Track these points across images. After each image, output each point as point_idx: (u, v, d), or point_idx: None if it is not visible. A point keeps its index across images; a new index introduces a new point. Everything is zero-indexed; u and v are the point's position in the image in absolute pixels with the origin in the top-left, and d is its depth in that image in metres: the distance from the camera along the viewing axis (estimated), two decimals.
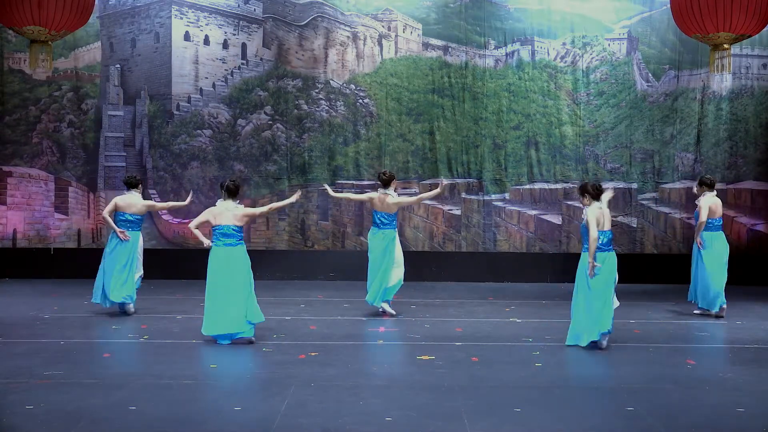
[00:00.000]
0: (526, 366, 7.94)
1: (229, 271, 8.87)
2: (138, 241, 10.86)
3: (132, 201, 10.76)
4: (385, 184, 10.80)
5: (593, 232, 8.58)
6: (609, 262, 8.73)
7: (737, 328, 10.28)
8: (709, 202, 10.85)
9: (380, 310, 10.82)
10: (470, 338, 9.27)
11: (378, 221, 10.83)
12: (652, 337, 9.45)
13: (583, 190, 8.80)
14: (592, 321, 8.69)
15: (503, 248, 14.58)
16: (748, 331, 10.10)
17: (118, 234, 10.59)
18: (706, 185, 10.96)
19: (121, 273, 10.58)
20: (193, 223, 9.11)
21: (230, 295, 8.82)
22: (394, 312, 10.77)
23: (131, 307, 10.70)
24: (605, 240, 8.71)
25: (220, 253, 8.91)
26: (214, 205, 9.18)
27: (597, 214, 8.66)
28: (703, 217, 10.76)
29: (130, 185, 10.85)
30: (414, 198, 11.96)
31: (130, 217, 10.71)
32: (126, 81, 14.63)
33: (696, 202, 11.08)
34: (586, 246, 8.72)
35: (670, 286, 13.36)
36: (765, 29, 11.67)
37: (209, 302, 8.90)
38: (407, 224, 14.51)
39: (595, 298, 8.67)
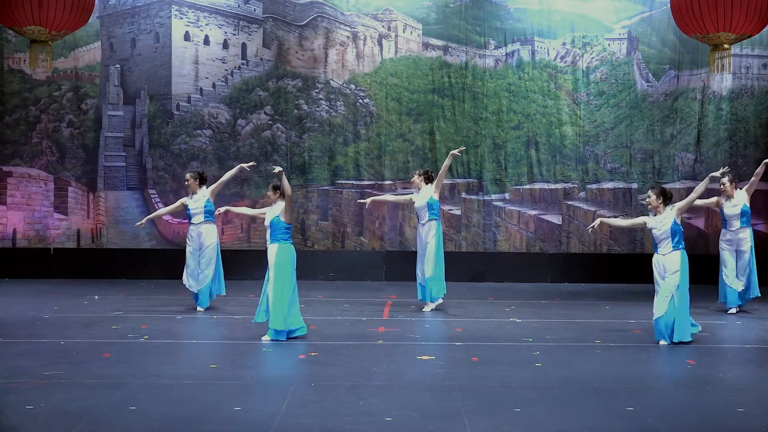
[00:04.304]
0: (526, 366, 7.94)
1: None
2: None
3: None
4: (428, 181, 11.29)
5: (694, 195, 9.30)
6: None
7: (737, 328, 10.28)
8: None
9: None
10: (470, 338, 9.26)
11: None
12: (652, 337, 9.43)
13: (664, 195, 8.98)
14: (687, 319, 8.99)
15: (503, 248, 14.58)
16: (748, 331, 10.10)
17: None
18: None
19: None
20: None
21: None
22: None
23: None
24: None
25: None
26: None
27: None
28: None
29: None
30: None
31: None
32: (126, 81, 14.63)
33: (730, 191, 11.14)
34: (683, 243, 8.91)
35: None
36: (765, 29, 11.67)
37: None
38: (407, 224, 14.51)
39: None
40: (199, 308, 10.95)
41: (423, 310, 11.06)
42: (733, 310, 11.14)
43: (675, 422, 6.17)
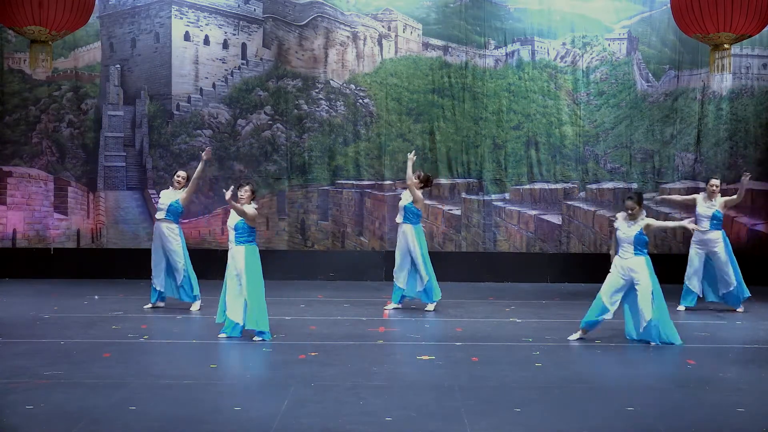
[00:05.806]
0: (526, 366, 7.94)
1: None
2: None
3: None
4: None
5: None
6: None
7: (737, 328, 10.29)
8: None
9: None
10: (470, 338, 9.27)
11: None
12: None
13: (641, 202, 9.13)
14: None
15: (503, 248, 14.58)
16: (748, 331, 10.11)
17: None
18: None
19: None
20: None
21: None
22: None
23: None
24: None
25: None
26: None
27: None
28: None
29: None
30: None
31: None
32: (126, 81, 14.63)
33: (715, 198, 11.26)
34: (645, 251, 9.08)
35: (670, 286, 13.29)
36: (765, 29, 11.67)
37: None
38: None
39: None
40: (151, 304, 11.07)
41: (386, 306, 11.23)
42: (681, 308, 11.34)
43: (675, 422, 6.17)
